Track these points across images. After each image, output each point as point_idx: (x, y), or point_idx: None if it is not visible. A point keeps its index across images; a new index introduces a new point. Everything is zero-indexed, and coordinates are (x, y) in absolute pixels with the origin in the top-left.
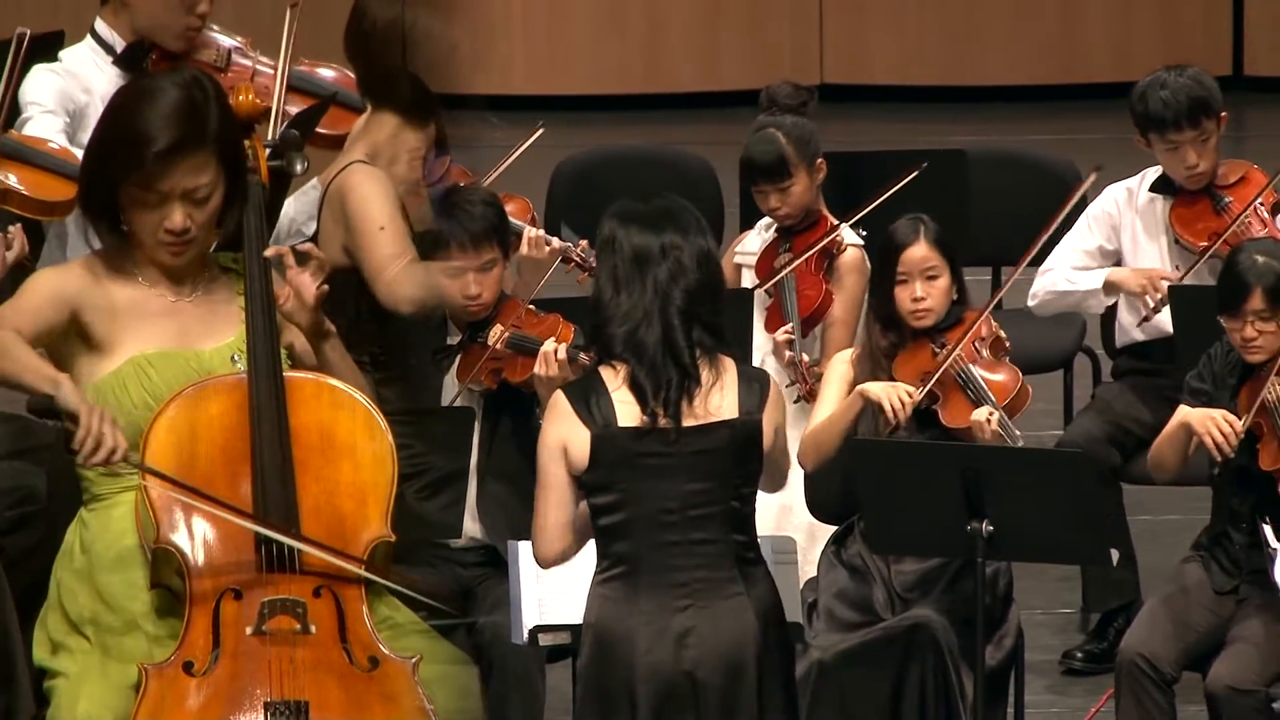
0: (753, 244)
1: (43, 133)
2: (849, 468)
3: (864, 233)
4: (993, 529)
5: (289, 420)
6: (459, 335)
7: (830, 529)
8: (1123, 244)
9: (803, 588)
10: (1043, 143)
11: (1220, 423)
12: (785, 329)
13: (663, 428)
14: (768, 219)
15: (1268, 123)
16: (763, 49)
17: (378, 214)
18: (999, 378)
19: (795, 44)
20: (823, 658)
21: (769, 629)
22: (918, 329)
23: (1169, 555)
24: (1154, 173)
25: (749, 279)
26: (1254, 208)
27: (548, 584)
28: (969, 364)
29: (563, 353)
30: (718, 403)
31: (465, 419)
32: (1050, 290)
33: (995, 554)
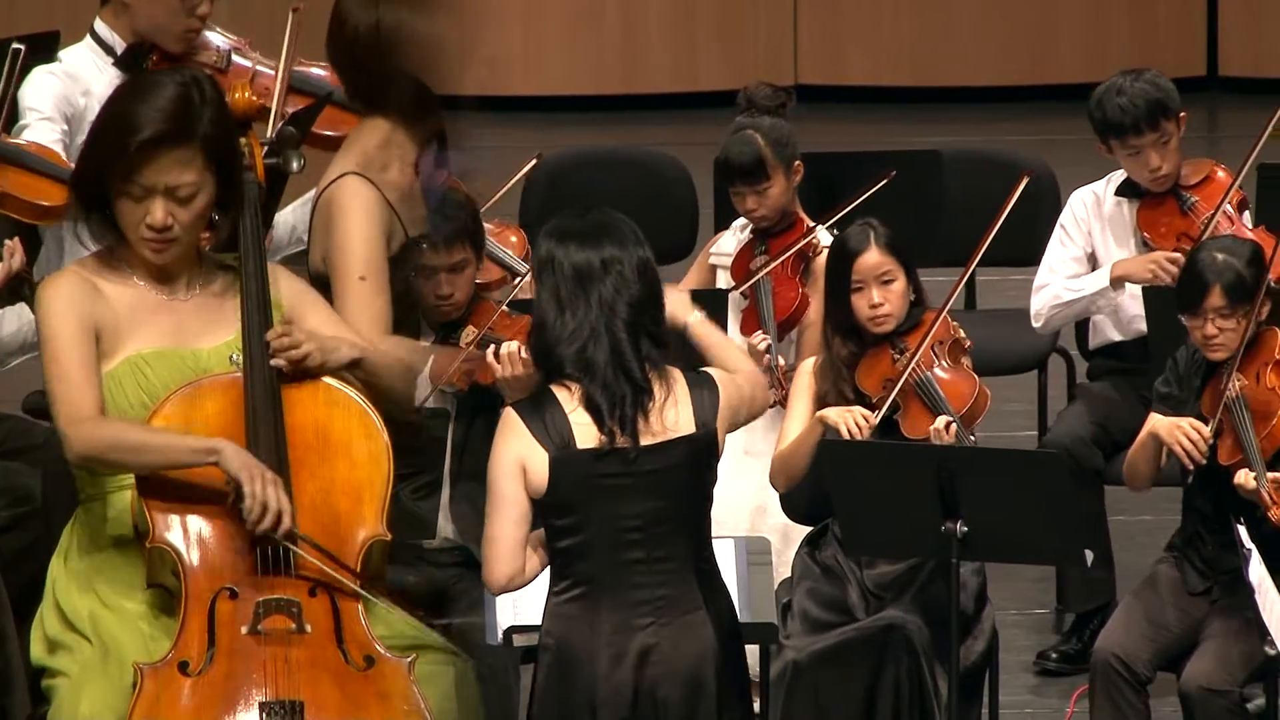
0: (728, 245)
1: (39, 140)
2: (824, 469)
3: (837, 233)
4: (967, 529)
5: (284, 419)
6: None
7: (805, 530)
8: (1095, 245)
9: (777, 588)
10: (1017, 143)
11: (1188, 430)
12: (761, 335)
13: (622, 448)
14: (743, 219)
15: (1242, 122)
16: (738, 50)
17: (360, 254)
18: (956, 386)
19: (770, 45)
20: (797, 658)
21: (726, 643)
22: (878, 335)
23: (1143, 556)
24: (1119, 176)
25: (724, 280)
26: (1221, 209)
27: None
28: (927, 371)
29: (524, 351)
30: (673, 418)
31: (439, 420)
32: (1055, 304)
33: (970, 554)
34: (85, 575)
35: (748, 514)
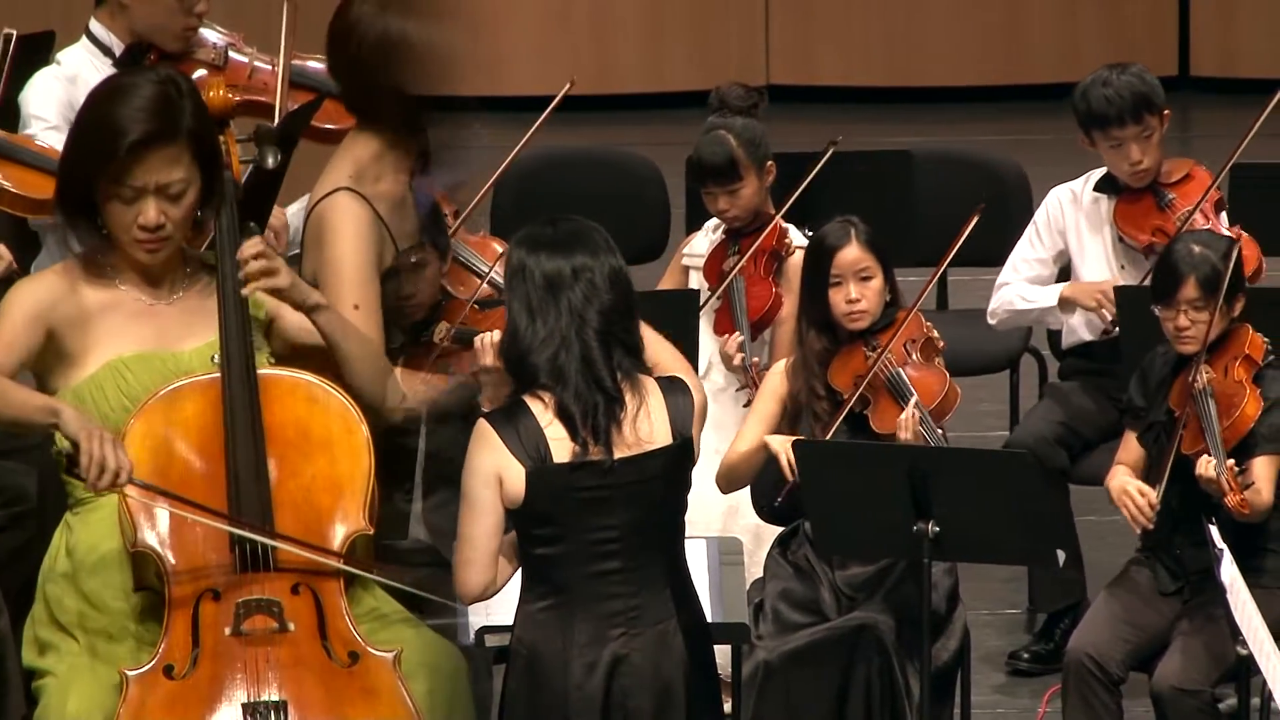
0: (700, 245)
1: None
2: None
3: (809, 233)
4: (939, 530)
5: (264, 417)
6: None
7: (777, 530)
8: (1069, 243)
9: (749, 588)
10: (988, 143)
11: (1135, 496)
12: (736, 335)
13: (597, 460)
14: (715, 220)
15: (1213, 122)
16: (709, 50)
17: (353, 281)
18: (926, 380)
19: (741, 45)
20: (769, 658)
21: (696, 652)
22: (853, 331)
23: (1115, 555)
24: (1098, 174)
25: (697, 280)
26: (1199, 208)
27: None
28: (899, 366)
29: (497, 336)
30: (647, 430)
31: (414, 419)
32: (1008, 309)
33: (941, 555)
34: (74, 578)
35: (720, 514)
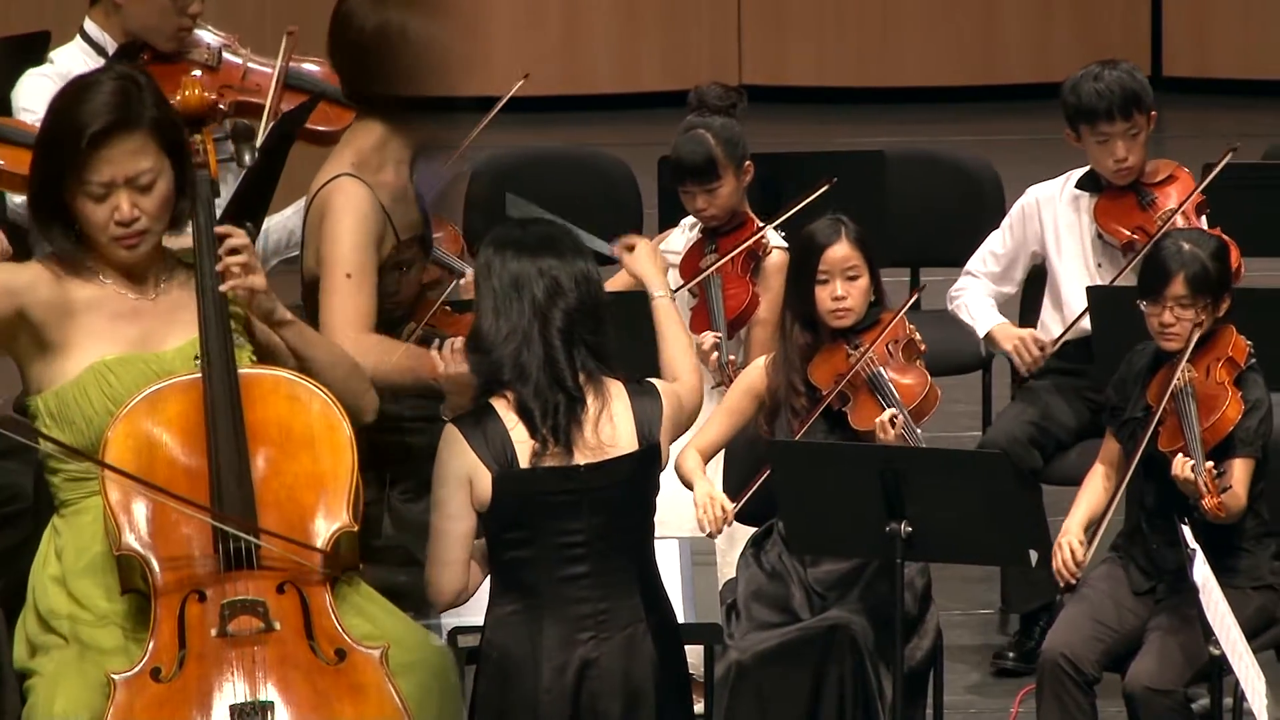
0: (677, 242)
1: None
2: (769, 469)
3: (783, 233)
4: (911, 530)
5: (245, 416)
6: None
7: (750, 530)
8: (1045, 242)
9: (721, 589)
10: (961, 144)
11: (1065, 551)
12: (713, 334)
13: (563, 465)
14: (691, 218)
15: (1186, 123)
16: (682, 51)
17: (348, 252)
18: (907, 381)
19: (714, 46)
20: (741, 658)
21: (666, 654)
22: (836, 329)
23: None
24: (1079, 173)
25: (673, 278)
26: (1181, 210)
27: None
28: (880, 366)
29: (459, 343)
30: (610, 433)
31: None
32: (957, 309)
33: (914, 555)
34: (63, 580)
35: (692, 515)
